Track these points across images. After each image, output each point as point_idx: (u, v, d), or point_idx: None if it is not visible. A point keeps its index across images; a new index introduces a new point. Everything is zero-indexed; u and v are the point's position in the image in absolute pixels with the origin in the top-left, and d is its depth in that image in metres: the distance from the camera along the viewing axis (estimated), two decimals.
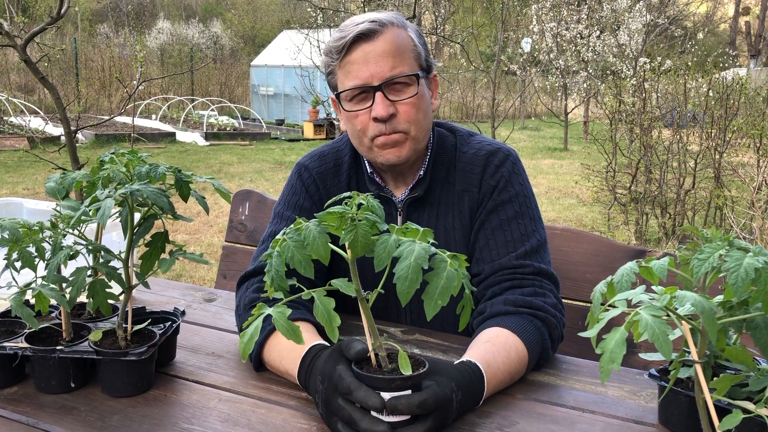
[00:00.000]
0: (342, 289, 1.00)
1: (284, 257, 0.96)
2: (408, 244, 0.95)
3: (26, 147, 11.28)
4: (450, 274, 0.94)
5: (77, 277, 1.18)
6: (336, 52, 1.49)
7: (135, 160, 1.22)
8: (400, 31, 1.50)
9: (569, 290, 1.85)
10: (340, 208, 0.99)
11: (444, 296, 0.93)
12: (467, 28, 9.26)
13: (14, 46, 3.81)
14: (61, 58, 17.52)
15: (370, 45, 1.46)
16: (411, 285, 0.92)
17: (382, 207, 1.03)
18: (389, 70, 1.46)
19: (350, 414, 1.03)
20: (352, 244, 0.97)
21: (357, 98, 1.50)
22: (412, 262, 0.92)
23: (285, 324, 0.96)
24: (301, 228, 0.98)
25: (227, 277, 2.34)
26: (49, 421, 1.14)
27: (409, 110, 1.49)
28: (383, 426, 1.01)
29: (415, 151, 1.53)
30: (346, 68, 1.49)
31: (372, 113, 1.47)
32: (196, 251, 1.24)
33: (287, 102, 18.64)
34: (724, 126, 6.24)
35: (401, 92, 1.49)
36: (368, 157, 1.57)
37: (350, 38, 1.46)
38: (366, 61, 1.46)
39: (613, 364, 0.81)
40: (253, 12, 34.81)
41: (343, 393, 1.05)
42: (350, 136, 1.59)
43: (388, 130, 1.48)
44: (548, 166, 12.10)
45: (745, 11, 31.94)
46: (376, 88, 1.46)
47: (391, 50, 1.47)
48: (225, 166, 11.20)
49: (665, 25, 14.78)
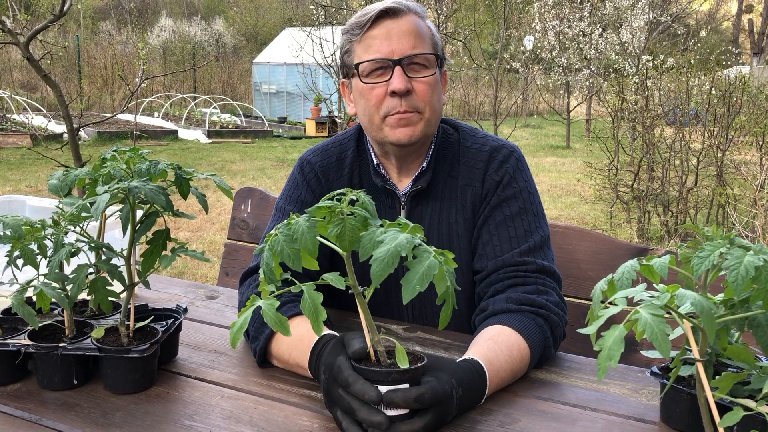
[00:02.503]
0: (333, 283, 1.01)
1: (274, 251, 0.97)
2: (392, 233, 0.96)
3: (29, 144, 11.30)
4: (432, 262, 0.95)
5: (78, 275, 1.19)
6: (358, 27, 1.51)
7: (136, 157, 1.23)
8: (420, 20, 1.54)
9: (571, 288, 1.85)
10: (329, 203, 1.00)
11: (423, 282, 0.94)
12: (469, 26, 9.25)
13: (17, 43, 3.82)
14: (63, 55, 17.53)
15: (393, 22, 1.49)
16: (386, 268, 0.92)
17: (374, 203, 1.03)
18: (410, 48, 1.49)
19: (349, 404, 1.04)
20: (340, 238, 0.98)
21: (375, 73, 1.51)
22: (392, 247, 0.93)
23: (273, 316, 0.97)
24: (292, 223, 0.98)
25: (229, 274, 2.34)
26: (51, 417, 1.14)
27: (425, 89, 1.50)
28: (381, 416, 1.02)
29: (425, 134, 1.54)
30: (366, 42, 1.51)
31: (389, 86, 1.48)
32: (198, 249, 1.24)
33: (289, 100, 18.64)
34: (726, 124, 6.23)
35: (419, 71, 1.51)
36: (377, 137, 1.56)
37: (375, 13, 1.49)
38: (388, 37, 1.49)
39: (610, 361, 0.81)
40: (256, 9, 34.81)
41: (342, 384, 1.06)
42: (360, 115, 1.57)
43: (403, 106, 1.49)
44: (550, 163, 12.09)
45: (748, 9, 31.85)
46: (396, 63, 1.48)
47: (413, 30, 1.50)
48: (227, 163, 11.20)
49: (668, 22, 14.74)
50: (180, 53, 24.25)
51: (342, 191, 1.04)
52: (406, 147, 1.54)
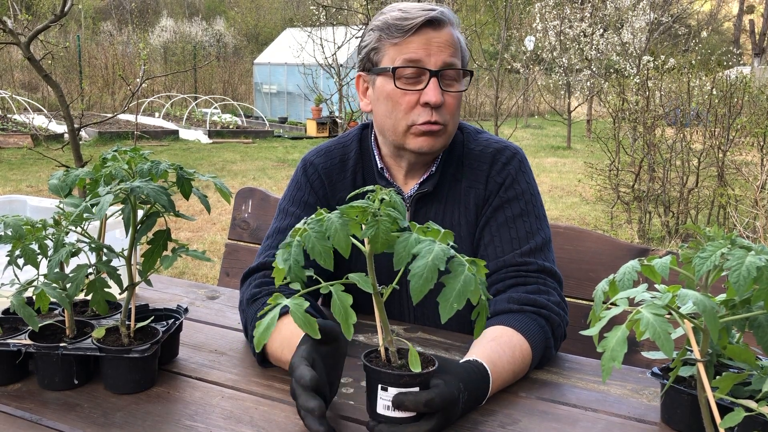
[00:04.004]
0: (359, 284, 0.99)
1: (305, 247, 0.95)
2: (427, 243, 0.94)
3: (30, 144, 11.30)
4: (467, 278, 0.93)
5: (77, 274, 1.19)
6: (398, 30, 1.49)
7: (137, 157, 1.23)
8: (456, 31, 1.54)
9: (572, 289, 1.85)
10: (362, 201, 0.98)
11: (460, 300, 0.92)
12: (470, 26, 9.25)
13: (18, 43, 3.82)
14: (64, 55, 17.54)
15: (435, 32, 1.49)
16: (425, 284, 0.91)
17: (403, 203, 1.02)
18: (447, 61, 1.49)
19: (293, 390, 1.06)
20: (373, 240, 0.96)
21: (411, 79, 1.49)
22: (430, 261, 0.91)
23: (302, 316, 0.95)
24: (324, 219, 0.97)
25: (230, 274, 2.34)
26: (52, 417, 1.14)
27: (453, 104, 1.51)
28: (315, 402, 1.01)
29: (444, 146, 1.55)
30: (404, 47, 1.49)
31: (424, 97, 1.48)
32: (198, 249, 1.24)
33: (290, 100, 18.63)
34: (727, 124, 6.23)
35: (451, 85, 1.51)
36: (397, 142, 1.55)
37: (420, 21, 1.47)
38: (428, 46, 1.48)
39: (614, 362, 0.81)
40: (256, 10, 34.81)
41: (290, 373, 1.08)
42: (383, 117, 1.55)
43: (434, 117, 1.49)
44: (551, 164, 12.08)
45: (749, 9, 31.84)
46: (434, 73, 1.48)
47: (452, 43, 1.50)
48: (228, 163, 11.21)
49: (669, 23, 14.75)
50: (181, 53, 24.25)
51: (371, 188, 1.02)
52: (424, 156, 1.55)
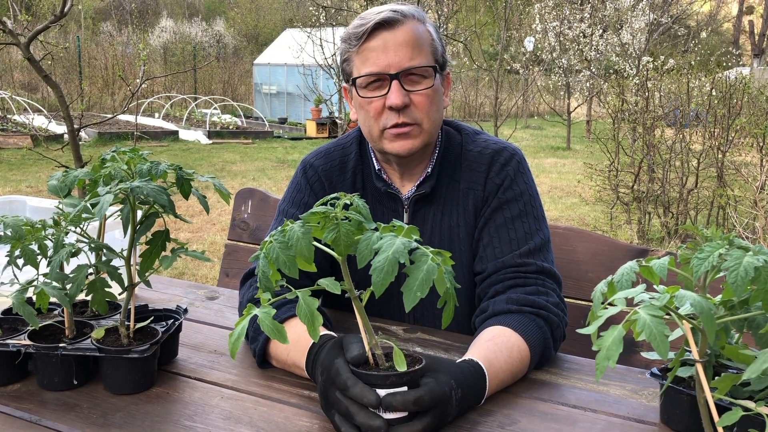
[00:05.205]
0: (328, 288, 1.00)
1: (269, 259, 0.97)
2: (389, 238, 0.95)
3: (29, 145, 11.29)
4: (430, 267, 0.94)
5: (77, 275, 1.19)
6: (355, 38, 1.49)
7: (136, 157, 1.23)
8: (420, 25, 1.50)
9: (571, 289, 1.85)
10: (323, 208, 1.00)
11: (423, 288, 0.93)
12: (470, 27, 9.25)
13: (18, 44, 3.82)
14: (64, 56, 17.54)
15: (390, 33, 1.47)
16: (386, 277, 0.92)
17: (376, 207, 1.03)
18: (407, 60, 1.46)
19: (347, 408, 1.04)
20: (335, 243, 0.98)
21: (372, 85, 1.49)
22: (390, 255, 0.93)
23: (270, 324, 0.96)
24: (287, 229, 0.98)
25: (230, 275, 2.34)
26: (51, 418, 1.14)
27: (423, 101, 1.49)
28: (379, 421, 1.02)
29: (424, 144, 1.53)
30: (363, 54, 1.49)
31: (387, 102, 1.47)
32: (198, 249, 1.25)
33: (290, 100, 18.63)
34: (727, 125, 6.23)
35: (417, 83, 1.49)
36: (377, 147, 1.56)
37: (371, 25, 1.46)
38: (385, 49, 1.46)
39: (608, 361, 0.81)
40: (256, 10, 34.81)
41: (340, 387, 1.05)
42: (361, 125, 1.58)
43: (401, 119, 1.48)
44: (551, 165, 12.08)
45: (748, 10, 31.84)
46: (393, 77, 1.46)
47: (411, 41, 1.47)
48: (228, 164, 11.20)
49: (668, 24, 14.74)
50: (181, 54, 24.24)
51: (336, 195, 1.03)
52: (405, 158, 1.55)
